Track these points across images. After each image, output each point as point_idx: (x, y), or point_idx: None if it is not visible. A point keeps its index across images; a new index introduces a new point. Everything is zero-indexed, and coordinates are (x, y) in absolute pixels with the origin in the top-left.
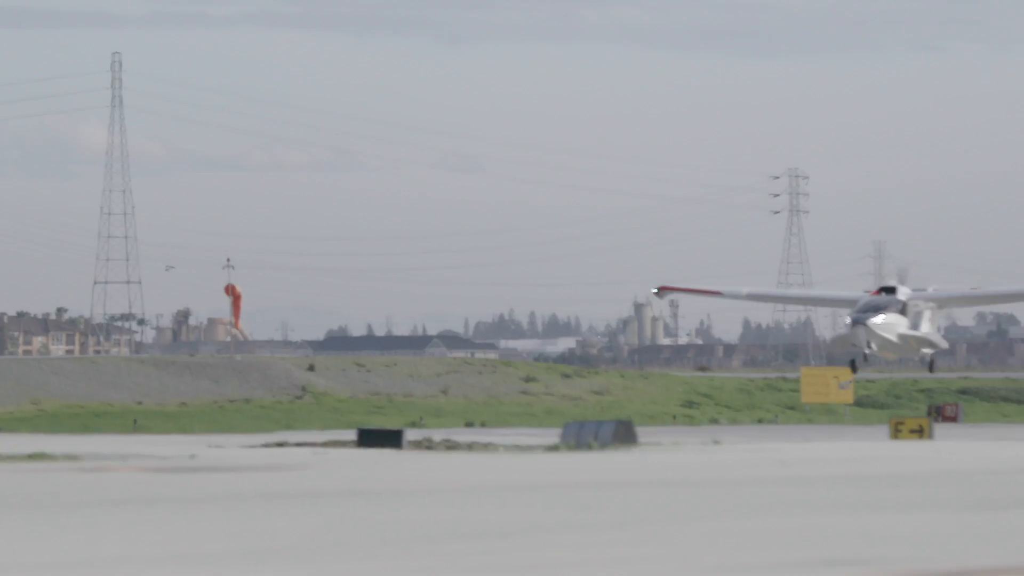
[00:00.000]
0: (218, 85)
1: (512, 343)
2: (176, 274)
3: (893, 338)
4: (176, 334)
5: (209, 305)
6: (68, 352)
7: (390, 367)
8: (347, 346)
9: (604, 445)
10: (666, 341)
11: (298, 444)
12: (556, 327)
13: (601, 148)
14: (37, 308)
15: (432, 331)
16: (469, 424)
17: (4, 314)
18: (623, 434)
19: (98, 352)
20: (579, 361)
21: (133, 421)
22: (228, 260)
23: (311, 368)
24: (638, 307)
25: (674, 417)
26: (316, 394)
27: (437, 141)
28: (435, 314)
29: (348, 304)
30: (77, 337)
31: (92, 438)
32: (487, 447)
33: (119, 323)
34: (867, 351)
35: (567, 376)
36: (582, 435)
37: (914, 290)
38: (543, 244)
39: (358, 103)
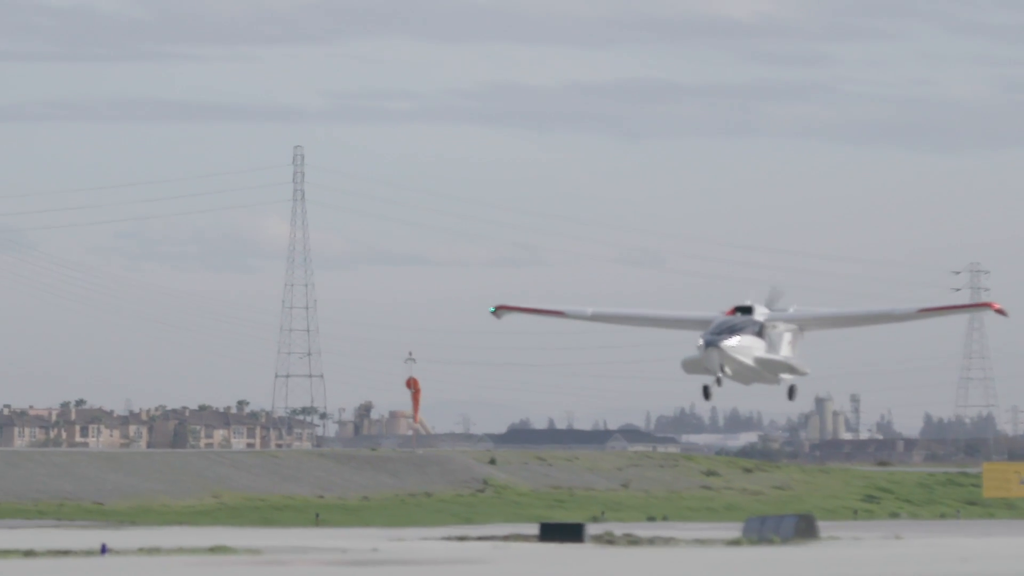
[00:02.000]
0: (399, 179)
1: (693, 437)
2: (357, 368)
3: (749, 362)
4: (358, 427)
5: (391, 399)
6: (249, 446)
7: (571, 461)
8: (528, 439)
9: (786, 540)
10: (847, 436)
11: (479, 538)
12: (737, 421)
13: (780, 242)
14: (218, 402)
15: (613, 425)
16: (650, 518)
17: (186, 408)
18: (804, 529)
19: (279, 446)
20: (760, 455)
21: (315, 515)
22: (410, 354)
23: (492, 462)
24: (819, 402)
25: (855, 512)
26: (497, 487)
27: (617, 236)
28: (616, 408)
29: (530, 398)
30: (258, 431)
31: (273, 531)
32: (668, 542)
33: (300, 416)
34: (719, 375)
35: (748, 470)
36: (764, 530)
37: (774, 311)
38: None
39: (539, 198)
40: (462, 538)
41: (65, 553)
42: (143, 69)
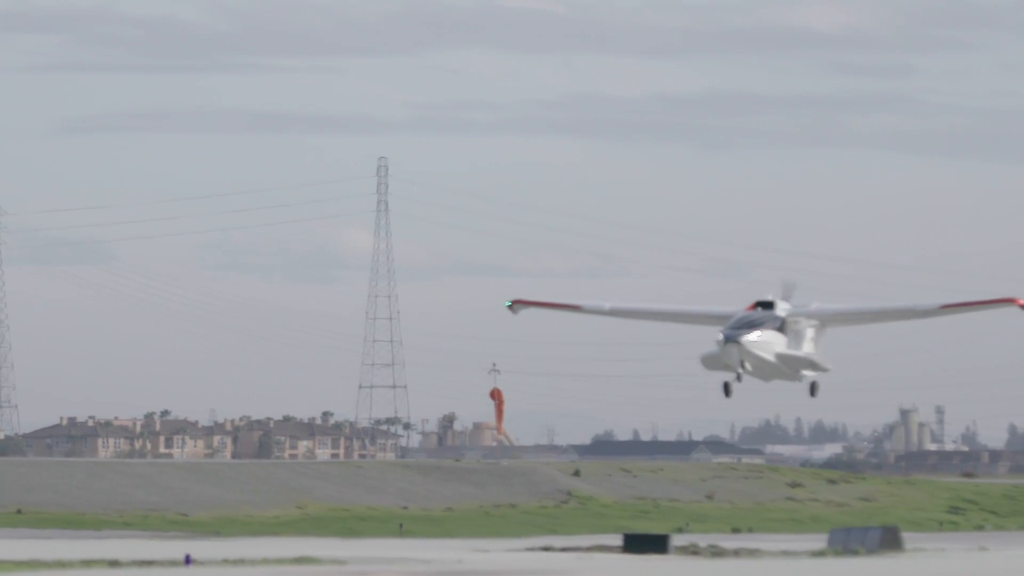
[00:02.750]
0: (482, 190)
1: (778, 448)
2: (441, 379)
3: (769, 358)
4: (441, 439)
5: (474, 410)
6: (333, 456)
7: (655, 472)
8: (613, 451)
9: (871, 551)
10: (932, 447)
11: (563, 549)
12: (822, 433)
13: (864, 253)
14: (303, 413)
15: (698, 436)
16: (735, 530)
17: (270, 419)
18: (889, 540)
19: (363, 456)
20: (845, 467)
21: (399, 525)
22: (494, 365)
23: (576, 473)
24: (904, 413)
25: (940, 523)
26: (581, 499)
27: (700, 247)
28: (701, 419)
29: (614, 409)
30: (342, 441)
31: (357, 542)
32: (753, 553)
33: (384, 427)
34: (740, 371)
35: (833, 482)
36: (849, 541)
37: (796, 306)
38: None
39: (622, 209)
40: (546, 549)
41: (150, 563)
42: (227, 80)
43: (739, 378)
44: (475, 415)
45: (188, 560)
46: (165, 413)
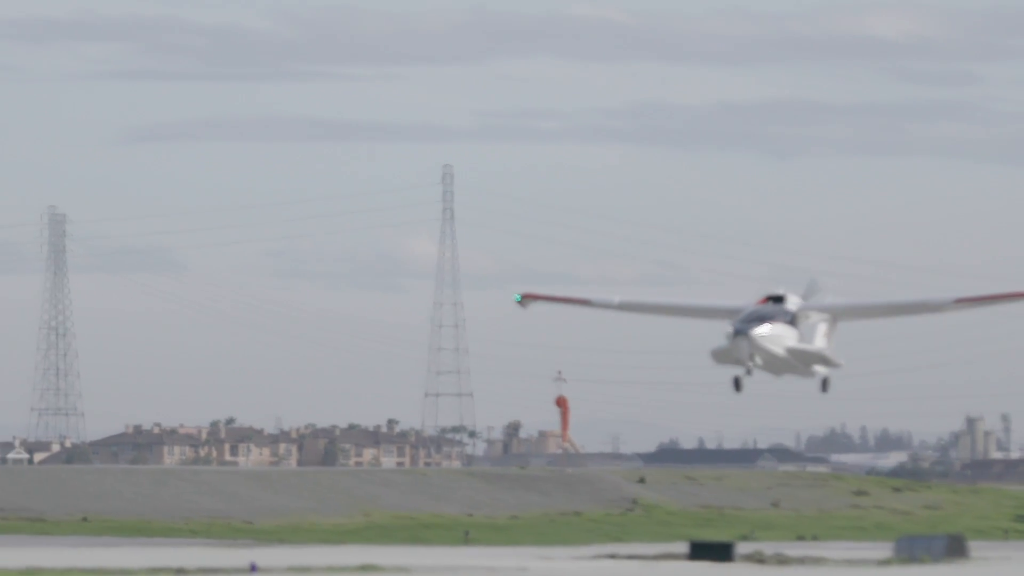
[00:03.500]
0: (545, 198)
1: (843, 457)
2: (506, 387)
3: (780, 352)
4: (507, 447)
5: (540, 418)
6: (399, 464)
7: (720, 480)
8: (677, 459)
9: (936, 560)
10: (998, 455)
11: (628, 556)
12: (887, 441)
13: (930, 262)
14: (368, 421)
15: (763, 445)
16: (800, 537)
17: (336, 427)
18: (955, 549)
19: (428, 464)
20: (910, 475)
21: (464, 533)
22: (559, 373)
23: (641, 481)
24: (970, 421)
25: (1005, 532)
26: (646, 507)
27: (765, 255)
28: (766, 428)
29: (679, 417)
30: (408, 449)
31: (422, 550)
32: (818, 561)
33: (450, 435)
34: (750, 365)
35: (898, 490)
36: (914, 550)
37: (807, 300)
38: (876, 359)
39: (686, 217)
40: (611, 557)
41: (215, 571)
42: (293, 88)
43: (749, 372)
44: (540, 423)
45: (253, 567)
46: (231, 421)
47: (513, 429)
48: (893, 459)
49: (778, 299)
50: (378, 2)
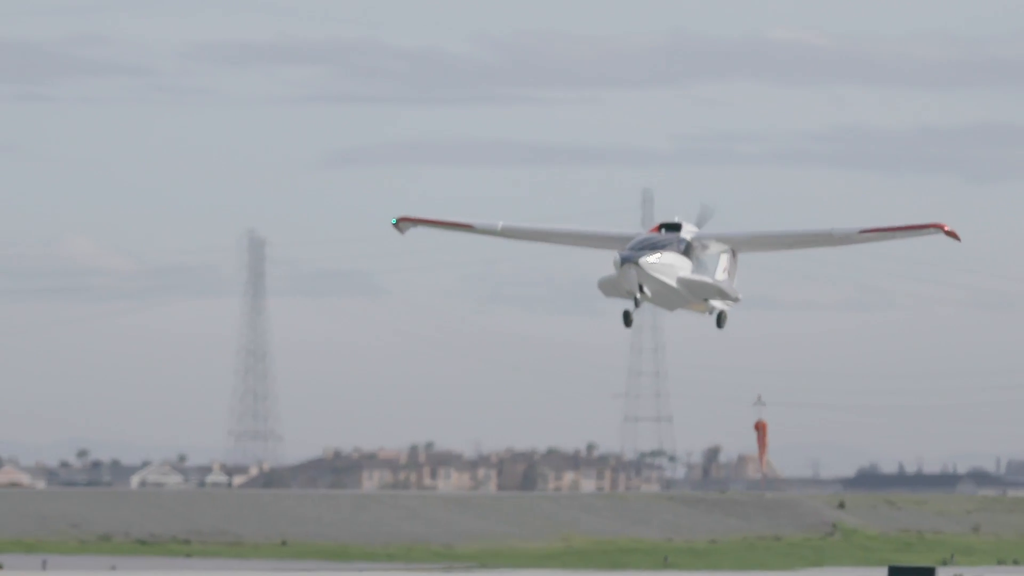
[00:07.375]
0: (746, 221)
1: None
2: (705, 410)
3: (671, 282)
4: (706, 471)
5: (739, 442)
6: (598, 489)
7: (920, 504)
8: (877, 483)
9: None
10: None
11: None
12: None
13: None
14: (567, 444)
15: (962, 469)
16: (1001, 562)
17: (535, 451)
18: None
19: (628, 489)
20: None
21: (663, 558)
22: (759, 397)
23: (841, 505)
24: None
25: None
26: (846, 531)
27: (967, 279)
28: (965, 452)
29: (879, 441)
30: (607, 474)
31: (621, 575)
32: None
33: (649, 460)
34: (638, 297)
35: None
36: None
37: (704, 229)
38: None
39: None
40: None
41: None
42: (493, 112)
43: (637, 303)
44: (740, 447)
45: None
46: (430, 445)
47: (712, 453)
48: None
49: (673, 227)
50: (578, 26)
